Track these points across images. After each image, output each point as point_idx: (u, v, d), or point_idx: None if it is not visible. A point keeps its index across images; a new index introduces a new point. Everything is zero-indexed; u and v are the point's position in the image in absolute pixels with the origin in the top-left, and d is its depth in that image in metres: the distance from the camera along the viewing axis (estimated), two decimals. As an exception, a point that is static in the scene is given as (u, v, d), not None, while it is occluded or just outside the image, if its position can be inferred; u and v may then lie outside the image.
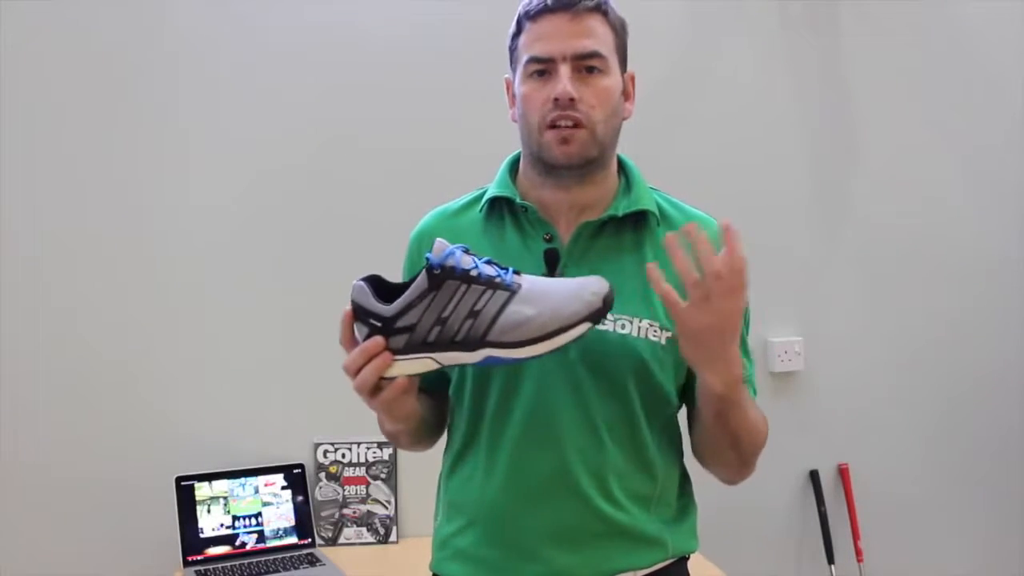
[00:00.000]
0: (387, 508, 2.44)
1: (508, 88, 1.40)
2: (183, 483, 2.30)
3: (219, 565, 2.24)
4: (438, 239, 1.20)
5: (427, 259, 1.18)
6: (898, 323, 2.74)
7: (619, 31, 1.35)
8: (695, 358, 1.24)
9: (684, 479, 1.43)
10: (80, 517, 2.31)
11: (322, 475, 2.42)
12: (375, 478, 2.44)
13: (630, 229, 1.36)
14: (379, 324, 1.19)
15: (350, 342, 1.22)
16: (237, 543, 2.30)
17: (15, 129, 2.27)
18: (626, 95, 1.37)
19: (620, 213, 1.35)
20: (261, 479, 2.36)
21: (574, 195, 1.35)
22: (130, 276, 2.33)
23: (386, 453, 2.44)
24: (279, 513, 2.36)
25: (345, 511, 2.42)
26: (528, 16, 1.33)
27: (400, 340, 1.19)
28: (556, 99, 1.28)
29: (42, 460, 2.29)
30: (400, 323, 1.18)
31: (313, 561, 2.27)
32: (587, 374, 1.31)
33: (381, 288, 1.22)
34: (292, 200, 2.41)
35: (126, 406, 2.33)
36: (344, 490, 2.43)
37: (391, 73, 2.44)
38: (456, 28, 2.45)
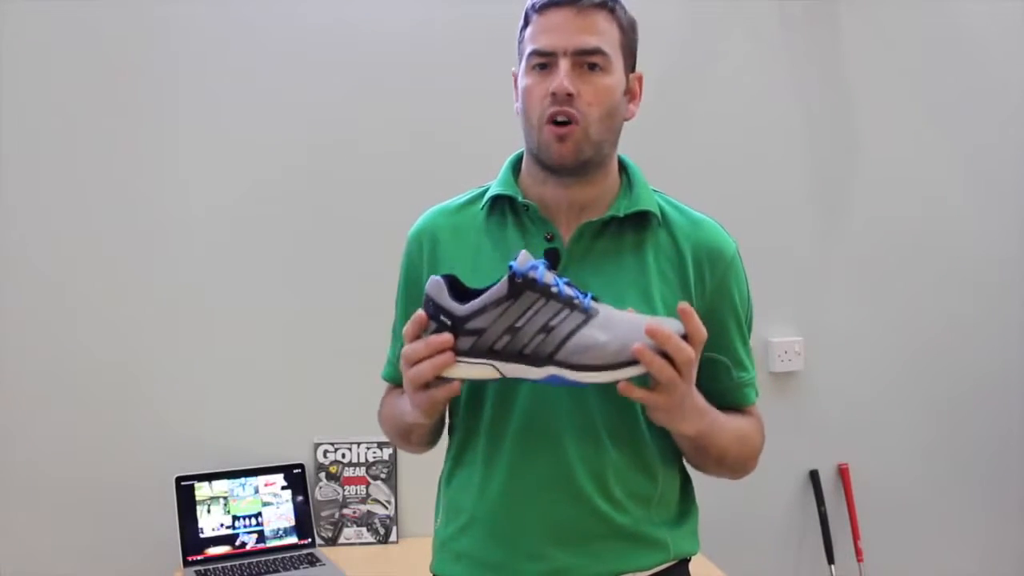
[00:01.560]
0: (387, 508, 2.44)
1: (515, 81, 1.39)
2: (183, 483, 2.29)
3: (219, 565, 2.24)
4: (523, 251, 1.19)
5: (510, 267, 1.16)
6: (898, 323, 2.74)
7: (627, 30, 1.34)
8: (666, 424, 1.25)
9: (685, 481, 1.43)
10: (80, 517, 2.31)
11: (322, 475, 2.42)
12: (375, 478, 2.44)
13: (631, 230, 1.36)
14: (449, 322, 1.17)
15: (414, 335, 1.20)
16: (237, 543, 2.30)
17: (15, 130, 2.27)
18: (631, 95, 1.37)
19: (622, 213, 1.35)
20: (261, 479, 2.36)
21: (574, 194, 1.35)
22: (130, 276, 2.33)
23: (386, 453, 2.44)
24: (279, 513, 2.36)
25: (345, 511, 2.42)
26: (535, 9, 1.33)
27: (467, 342, 1.18)
28: (554, 93, 1.28)
29: (42, 460, 2.29)
30: (471, 325, 1.17)
31: (313, 561, 2.27)
32: None
33: (455, 288, 1.20)
34: (292, 200, 2.41)
35: (126, 406, 2.33)
36: (344, 490, 2.43)
37: (391, 73, 2.44)
38: (457, 28, 2.45)
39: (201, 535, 2.28)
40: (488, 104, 2.06)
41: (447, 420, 1.44)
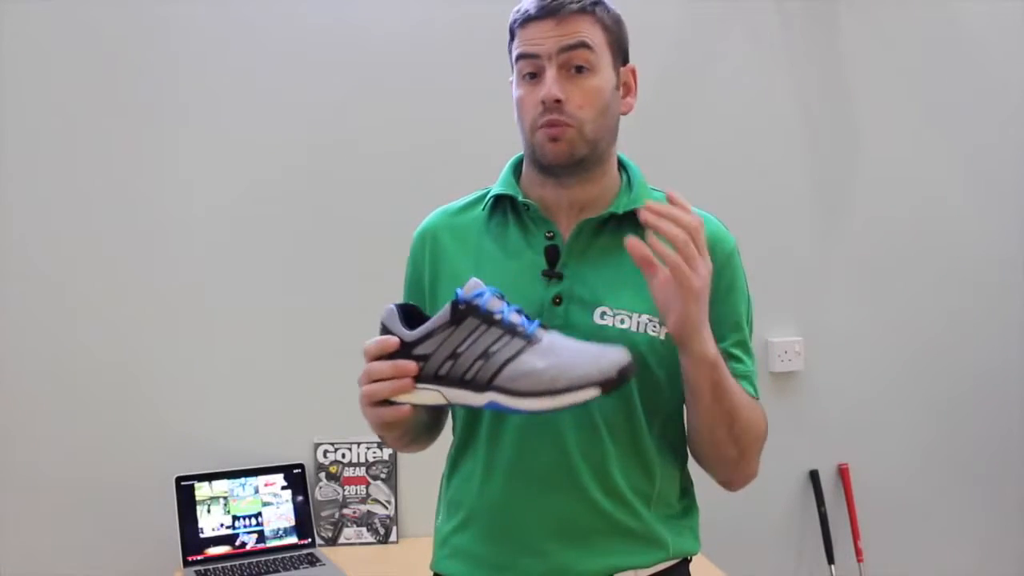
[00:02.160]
0: (387, 508, 2.44)
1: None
2: (183, 483, 2.29)
3: (219, 565, 2.24)
4: (473, 278, 1.21)
5: (456, 293, 1.19)
6: (898, 323, 2.74)
7: (611, 27, 1.35)
8: (687, 333, 1.22)
9: (685, 481, 1.43)
10: (80, 517, 2.31)
11: (322, 475, 2.42)
12: (375, 478, 2.44)
13: (630, 227, 1.36)
14: (400, 348, 1.20)
15: (377, 355, 1.22)
16: (237, 543, 2.30)
17: (15, 130, 2.27)
18: (626, 89, 1.38)
19: (620, 211, 1.36)
20: (261, 479, 2.36)
21: (574, 193, 1.36)
22: (130, 276, 2.33)
23: (386, 453, 2.44)
24: (279, 513, 2.36)
25: (345, 511, 2.43)
26: (517, 24, 1.34)
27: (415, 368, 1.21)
28: (543, 101, 1.29)
29: (42, 460, 2.29)
30: (417, 351, 1.20)
31: (313, 561, 2.27)
32: None
33: (414, 317, 1.23)
34: (292, 200, 2.41)
35: (126, 406, 2.33)
36: (344, 490, 2.43)
37: (392, 74, 2.44)
38: (458, 28, 2.45)
39: (201, 535, 2.28)
40: (488, 104, 2.06)
41: (449, 420, 1.45)
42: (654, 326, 1.32)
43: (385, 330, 1.22)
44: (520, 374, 1.17)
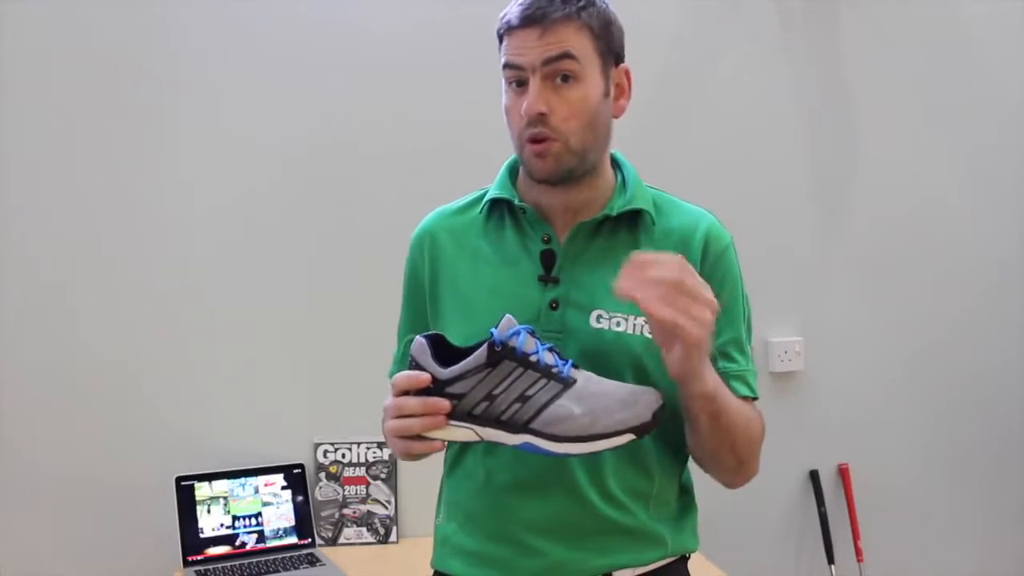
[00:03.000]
0: (387, 508, 2.44)
1: None
2: (183, 483, 2.29)
3: (219, 565, 2.24)
4: (507, 315, 1.20)
5: (491, 334, 1.19)
6: (898, 323, 2.74)
7: (599, 32, 1.31)
8: (687, 375, 1.21)
9: (685, 480, 1.43)
10: (80, 517, 2.31)
11: (322, 475, 2.42)
12: (375, 478, 2.44)
13: (625, 228, 1.36)
14: (431, 385, 1.20)
15: (405, 390, 1.21)
16: (237, 543, 2.30)
17: (15, 130, 2.27)
18: (619, 91, 1.36)
19: (615, 212, 1.35)
20: (261, 479, 2.36)
21: (568, 198, 1.36)
22: (130, 276, 2.33)
23: (386, 453, 2.44)
24: (279, 513, 2.36)
25: (345, 511, 2.43)
26: (504, 31, 1.32)
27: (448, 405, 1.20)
28: (526, 115, 1.28)
29: (42, 460, 2.29)
30: (451, 389, 1.19)
31: (313, 561, 2.27)
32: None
33: (440, 346, 1.23)
34: (293, 200, 2.41)
35: (126, 406, 2.33)
36: (344, 490, 2.43)
37: (392, 74, 2.44)
38: (458, 28, 2.45)
39: (201, 535, 2.28)
40: (489, 104, 2.05)
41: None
42: (651, 328, 1.31)
43: (415, 364, 1.21)
44: (557, 419, 1.18)
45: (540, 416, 1.18)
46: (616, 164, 1.42)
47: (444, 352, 1.22)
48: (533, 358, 1.19)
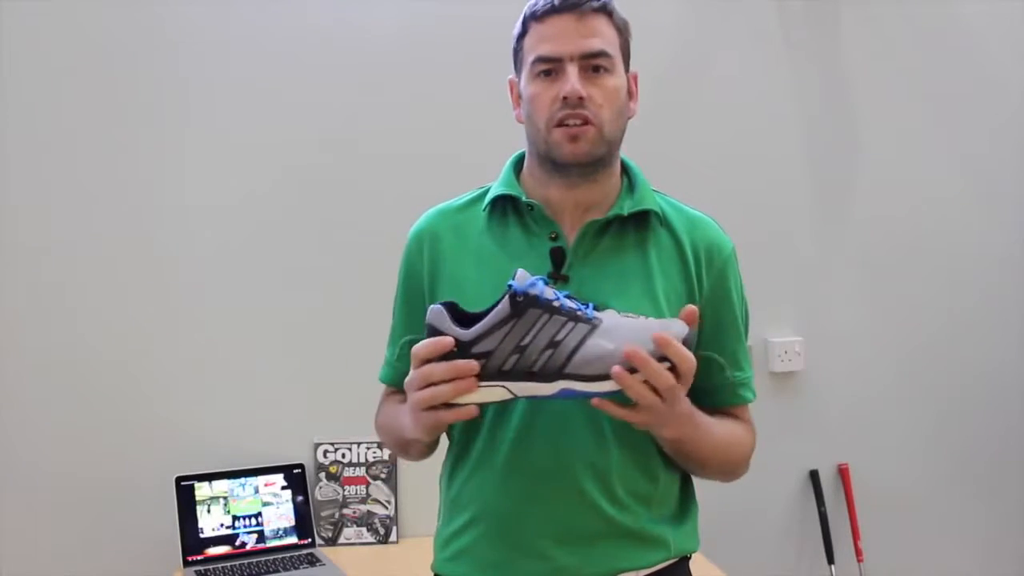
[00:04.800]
0: (387, 508, 2.44)
1: (512, 89, 1.40)
2: (183, 483, 2.29)
3: (219, 565, 2.24)
4: (520, 269, 1.18)
5: (510, 286, 1.16)
6: (898, 323, 2.74)
7: (623, 31, 1.35)
8: (648, 429, 1.26)
9: (685, 479, 1.43)
10: (80, 517, 2.31)
11: (322, 475, 2.42)
12: (375, 478, 2.44)
13: (633, 228, 1.37)
14: (455, 349, 1.16)
15: (427, 359, 1.17)
16: (237, 543, 2.30)
17: (16, 130, 2.27)
18: (630, 94, 1.38)
19: (625, 212, 1.35)
20: (261, 479, 2.36)
21: (580, 194, 1.35)
22: (131, 276, 2.33)
23: (386, 453, 2.44)
24: (279, 513, 2.36)
25: (345, 511, 2.42)
26: (534, 17, 1.33)
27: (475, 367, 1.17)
28: (565, 97, 1.28)
29: (42, 460, 2.29)
30: (477, 348, 1.16)
31: (313, 561, 2.27)
32: None
33: (455, 314, 1.19)
34: (293, 201, 2.41)
35: (126, 406, 2.33)
36: (344, 490, 2.43)
37: (392, 74, 2.44)
38: (459, 28, 2.45)
39: (201, 535, 2.28)
40: (489, 105, 2.06)
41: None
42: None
43: (434, 331, 1.17)
44: (592, 358, 1.16)
45: (574, 359, 1.16)
46: (623, 166, 1.42)
47: (462, 321, 1.18)
48: (556, 303, 1.17)
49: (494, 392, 1.18)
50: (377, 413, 1.51)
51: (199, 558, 2.26)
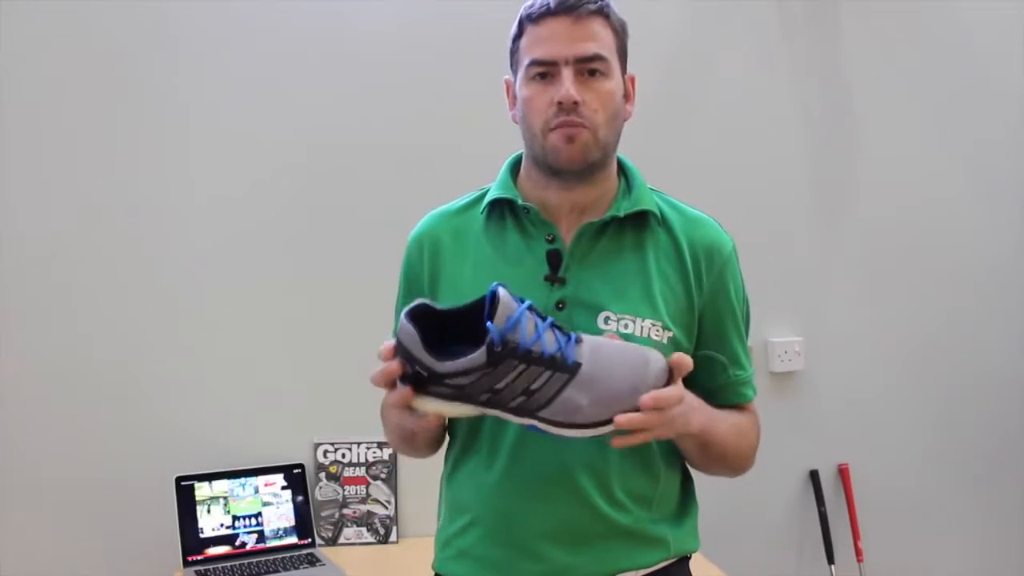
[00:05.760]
0: (387, 508, 2.44)
1: (508, 89, 1.40)
2: (183, 483, 2.29)
3: (219, 565, 2.24)
4: (501, 291, 1.15)
5: (488, 329, 1.13)
6: (898, 323, 2.74)
7: (620, 33, 1.34)
8: (679, 432, 1.27)
9: (686, 479, 1.43)
10: (80, 517, 2.31)
11: (322, 475, 2.42)
12: (375, 478, 2.44)
13: (631, 229, 1.36)
14: (426, 375, 1.16)
15: (388, 376, 1.19)
16: (237, 543, 2.30)
17: (16, 129, 2.27)
18: (627, 97, 1.37)
19: (622, 214, 1.35)
20: (261, 479, 2.36)
21: (576, 196, 1.35)
22: (130, 276, 2.33)
23: (386, 453, 2.44)
24: (279, 513, 2.36)
25: (345, 511, 2.42)
26: (530, 19, 1.32)
27: (447, 391, 1.17)
28: (560, 102, 1.28)
29: (42, 460, 2.29)
30: (451, 382, 1.16)
31: (313, 561, 2.27)
32: None
33: (429, 316, 1.18)
34: (292, 200, 2.41)
35: (126, 406, 2.33)
36: (344, 490, 2.43)
37: (393, 72, 2.44)
38: (459, 26, 2.45)
39: (201, 535, 2.28)
40: (489, 102, 2.06)
41: (447, 422, 1.45)
42: (657, 331, 1.31)
43: (405, 353, 1.16)
44: (564, 410, 1.17)
45: (548, 407, 1.17)
46: (621, 166, 1.42)
47: (434, 323, 1.17)
48: (536, 349, 1.14)
49: (465, 408, 1.19)
50: (382, 409, 1.51)
51: (199, 558, 2.26)
